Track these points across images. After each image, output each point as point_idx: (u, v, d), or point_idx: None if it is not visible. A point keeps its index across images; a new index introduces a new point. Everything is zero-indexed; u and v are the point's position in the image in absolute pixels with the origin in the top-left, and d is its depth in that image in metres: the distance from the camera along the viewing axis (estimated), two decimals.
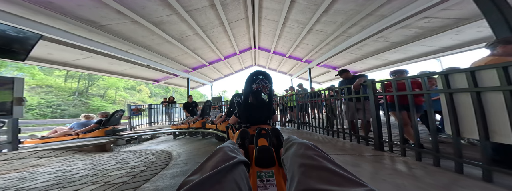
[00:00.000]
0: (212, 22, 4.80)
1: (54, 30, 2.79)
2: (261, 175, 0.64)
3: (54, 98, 20.34)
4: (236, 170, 0.41)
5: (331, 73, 8.26)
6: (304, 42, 5.94)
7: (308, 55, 6.75)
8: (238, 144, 0.94)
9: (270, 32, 5.96)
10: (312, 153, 0.44)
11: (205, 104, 4.64)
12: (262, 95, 1.39)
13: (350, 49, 5.14)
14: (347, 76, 2.62)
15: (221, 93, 41.84)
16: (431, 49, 4.38)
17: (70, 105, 21.14)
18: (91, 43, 3.59)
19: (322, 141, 2.61)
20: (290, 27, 5.25)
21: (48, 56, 3.78)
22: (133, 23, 3.69)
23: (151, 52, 5.04)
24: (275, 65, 9.82)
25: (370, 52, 5.32)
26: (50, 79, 20.72)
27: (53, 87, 20.80)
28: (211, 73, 9.19)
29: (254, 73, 1.40)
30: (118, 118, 4.18)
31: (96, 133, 3.68)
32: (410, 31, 3.71)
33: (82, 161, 2.44)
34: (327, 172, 0.36)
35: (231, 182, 0.37)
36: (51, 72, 21.03)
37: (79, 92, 21.86)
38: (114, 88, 23.60)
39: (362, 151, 1.95)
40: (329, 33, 4.84)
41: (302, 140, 0.55)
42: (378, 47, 4.86)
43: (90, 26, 3.27)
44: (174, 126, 4.58)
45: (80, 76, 21.87)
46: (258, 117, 1.44)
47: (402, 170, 1.35)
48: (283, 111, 4.81)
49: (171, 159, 2.56)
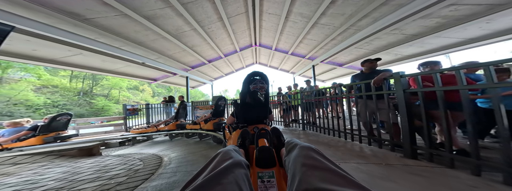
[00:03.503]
0: (210, 16, 4.42)
1: (30, 22, 2.45)
2: (262, 176, 0.61)
3: (60, 98, 20.36)
4: (237, 171, 0.40)
5: (336, 71, 7.80)
6: (308, 38, 5.51)
7: (312, 52, 6.32)
8: (239, 144, 0.92)
9: (272, 28, 5.55)
10: (315, 154, 0.43)
11: (180, 105, 4.30)
12: (258, 95, 1.39)
13: (359, 44, 4.68)
14: (372, 66, 2.11)
15: (223, 92, 41.38)
16: (454, 41, 3.83)
17: (75, 104, 21.15)
18: (78, 38, 3.24)
19: (333, 144, 2.21)
20: (293, 21, 4.83)
21: (33, 53, 3.45)
22: (123, 17, 3.33)
23: (146, 49, 4.69)
24: (277, 63, 9.38)
25: (381, 47, 4.80)
26: (56, 79, 20.75)
27: (59, 87, 20.84)
28: (211, 71, 8.81)
29: (252, 74, 1.44)
30: (63, 123, 3.65)
31: (32, 141, 3.16)
32: (430, 21, 3.24)
33: (59, 168, 2.10)
34: (329, 172, 0.35)
35: (232, 183, 0.36)
36: (56, 72, 21.06)
37: (84, 92, 21.86)
38: (118, 88, 23.54)
39: (388, 159, 1.54)
40: (336, 27, 4.41)
41: (304, 143, 0.54)
42: (391, 40, 4.37)
43: (74, 19, 2.92)
44: (135, 130, 4.10)
45: (85, 77, 21.87)
46: (255, 116, 1.43)
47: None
48: (287, 110, 4.41)
49: (160, 166, 2.21)
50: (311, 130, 3.41)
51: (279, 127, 4.42)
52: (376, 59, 2.09)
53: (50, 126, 3.39)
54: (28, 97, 17.92)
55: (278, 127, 4.44)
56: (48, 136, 3.34)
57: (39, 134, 3.27)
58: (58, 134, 3.52)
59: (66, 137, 3.64)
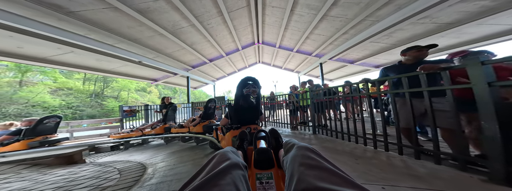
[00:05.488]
0: (209, 11, 4.02)
1: (4, 14, 2.16)
2: (260, 177, 0.60)
3: (74, 100, 21.04)
4: (234, 172, 0.40)
5: (347, 69, 7.14)
6: (316, 33, 4.97)
7: (320, 49, 5.76)
8: (237, 145, 0.90)
9: (276, 23, 5.07)
10: (312, 154, 0.43)
11: (169, 107, 4.00)
12: (251, 98, 1.57)
13: (375, 37, 4.05)
14: (420, 55, 1.50)
15: (226, 93, 41.15)
16: (503, 28, 3.07)
17: (87, 106, 21.74)
18: (65, 34, 2.95)
19: (359, 154, 1.68)
20: (299, 14, 4.33)
21: (19, 51, 3.20)
22: (113, 10, 3.00)
23: (142, 47, 4.37)
24: (281, 62, 8.83)
25: (403, 40, 4.09)
26: (70, 82, 21.49)
27: (73, 89, 21.55)
28: (212, 71, 8.43)
29: (245, 79, 1.61)
30: (51, 126, 3.35)
31: (15, 146, 2.88)
32: (474, 5, 2.59)
33: (17, 183, 1.73)
34: (326, 172, 0.35)
35: (229, 184, 0.35)
36: (71, 75, 21.84)
37: (96, 94, 22.46)
38: (126, 90, 24.01)
39: (466, 184, 1.01)
40: (348, 19, 3.85)
41: (302, 143, 0.53)
42: (418, 31, 3.67)
43: (57, 12, 2.62)
44: (117, 134, 3.66)
45: (96, 79, 22.49)
46: (248, 117, 1.60)
47: None
48: (294, 111, 3.87)
49: (139, 181, 1.78)
50: (324, 134, 2.87)
51: (286, 130, 3.90)
52: (429, 46, 1.44)
53: (35, 130, 3.09)
54: (45, 98, 18.62)
55: (286, 130, 3.95)
56: (34, 140, 3.04)
57: (23, 138, 2.98)
58: (45, 138, 3.21)
59: (54, 141, 3.33)
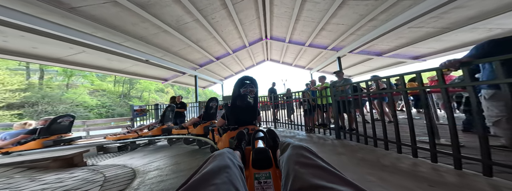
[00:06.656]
0: (213, 3, 3.73)
1: (5, 10, 2.15)
2: (259, 177, 0.59)
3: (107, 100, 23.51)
4: (231, 171, 0.39)
5: (371, 63, 6.14)
6: (333, 23, 4.28)
7: (338, 41, 5.01)
8: (235, 145, 0.89)
9: (286, 14, 4.54)
10: (307, 153, 0.44)
11: (167, 108, 3.80)
12: (248, 98, 1.58)
13: (418, 21, 3.11)
14: None
15: None
16: None
17: (117, 105, 24.03)
18: (72, 32, 2.95)
19: (434, 177, 1.10)
20: (313, 1, 3.72)
21: (34, 51, 3.35)
22: (113, 5, 2.90)
23: (149, 46, 4.31)
24: (291, 58, 8.09)
25: (462, 21, 3.12)
26: (104, 84, 24.11)
27: (106, 91, 24.11)
28: (220, 70, 8.18)
29: (242, 78, 1.62)
30: (65, 126, 3.36)
31: (31, 145, 2.91)
32: None
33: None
34: (321, 170, 0.36)
35: (226, 183, 0.34)
36: (104, 78, 24.48)
37: (124, 95, 24.72)
38: (148, 91, 25.88)
39: None
40: (379, 1, 3.13)
41: (297, 142, 0.54)
42: (486, 8, 2.69)
43: (59, 8, 2.59)
44: (112, 136, 3.54)
45: (124, 81, 24.75)
46: (245, 118, 1.60)
47: None
48: (310, 111, 3.28)
49: None
50: (350, 139, 2.27)
51: (299, 133, 3.35)
52: None
53: (50, 129, 3.16)
54: (85, 99, 21.18)
55: (299, 133, 3.38)
56: (48, 139, 3.11)
57: (39, 137, 3.05)
58: (60, 137, 3.28)
59: (68, 140, 3.38)
